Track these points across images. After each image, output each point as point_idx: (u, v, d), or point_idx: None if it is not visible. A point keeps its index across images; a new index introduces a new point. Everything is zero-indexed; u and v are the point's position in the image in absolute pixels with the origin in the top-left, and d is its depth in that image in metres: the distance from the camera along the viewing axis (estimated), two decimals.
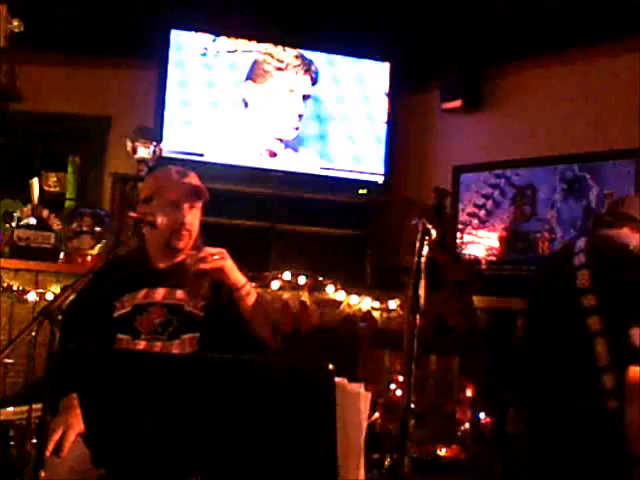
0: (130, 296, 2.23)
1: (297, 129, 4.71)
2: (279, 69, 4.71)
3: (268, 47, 4.70)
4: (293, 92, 4.72)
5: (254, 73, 4.67)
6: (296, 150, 4.71)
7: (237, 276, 2.17)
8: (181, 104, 4.57)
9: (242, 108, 4.65)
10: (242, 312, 2.17)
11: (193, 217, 2.27)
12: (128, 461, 1.52)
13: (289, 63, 4.73)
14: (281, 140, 4.69)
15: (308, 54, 4.75)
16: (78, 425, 1.93)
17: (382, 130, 4.84)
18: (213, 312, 2.23)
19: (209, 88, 4.60)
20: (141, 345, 2.18)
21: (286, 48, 4.72)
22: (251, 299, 2.18)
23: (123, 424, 1.49)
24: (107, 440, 1.52)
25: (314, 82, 4.76)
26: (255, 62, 4.68)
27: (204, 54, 4.60)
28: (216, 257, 2.12)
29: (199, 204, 2.29)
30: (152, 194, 2.27)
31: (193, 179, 2.30)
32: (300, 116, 4.72)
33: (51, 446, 1.94)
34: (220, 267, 2.13)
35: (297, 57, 4.74)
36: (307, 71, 4.75)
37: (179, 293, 2.24)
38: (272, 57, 4.70)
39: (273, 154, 4.68)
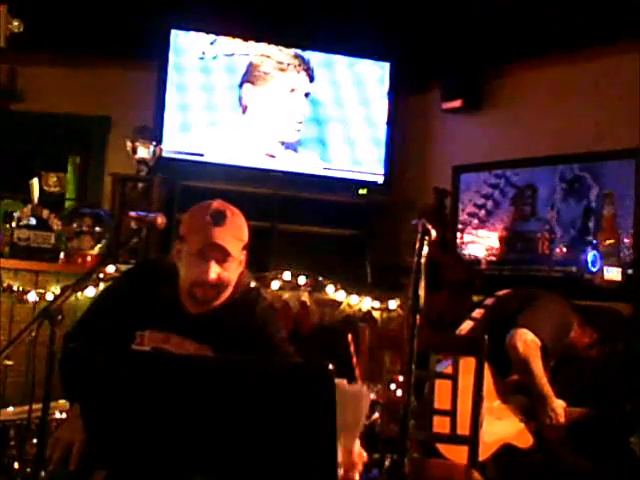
0: (152, 333, 2.05)
1: (299, 131, 4.70)
2: (281, 70, 4.70)
3: (265, 49, 4.70)
4: (295, 91, 4.71)
5: (252, 76, 4.66)
6: (296, 151, 4.71)
7: None
8: (180, 106, 4.56)
9: (240, 111, 4.64)
10: None
11: (223, 271, 1.98)
12: (129, 462, 1.52)
13: (289, 63, 4.72)
14: (283, 143, 4.69)
15: (305, 53, 4.75)
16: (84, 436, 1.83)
17: (382, 130, 4.83)
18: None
19: (207, 91, 4.59)
20: None
21: (282, 48, 4.71)
22: None
23: (124, 424, 1.49)
24: (108, 440, 1.52)
25: (311, 79, 4.76)
26: (250, 65, 4.67)
27: (202, 57, 4.59)
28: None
29: (232, 258, 2.00)
30: (184, 235, 2.03)
31: (227, 230, 1.97)
32: (304, 116, 4.71)
33: (56, 457, 1.89)
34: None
35: (295, 57, 4.74)
36: (305, 69, 4.75)
37: (195, 347, 2.03)
38: (271, 59, 4.69)
39: (273, 157, 4.67)
